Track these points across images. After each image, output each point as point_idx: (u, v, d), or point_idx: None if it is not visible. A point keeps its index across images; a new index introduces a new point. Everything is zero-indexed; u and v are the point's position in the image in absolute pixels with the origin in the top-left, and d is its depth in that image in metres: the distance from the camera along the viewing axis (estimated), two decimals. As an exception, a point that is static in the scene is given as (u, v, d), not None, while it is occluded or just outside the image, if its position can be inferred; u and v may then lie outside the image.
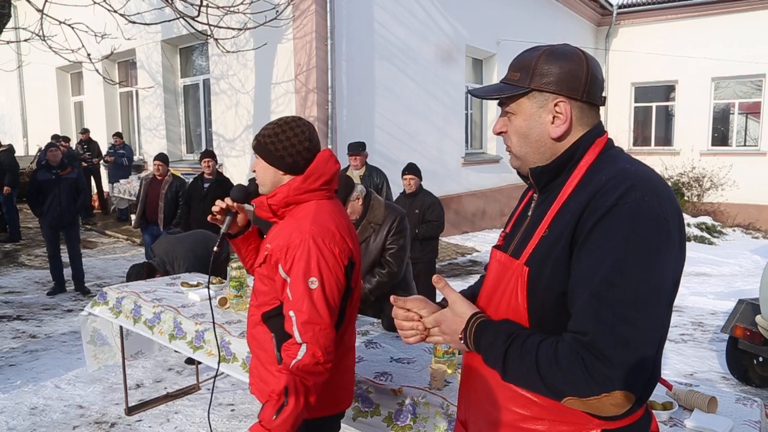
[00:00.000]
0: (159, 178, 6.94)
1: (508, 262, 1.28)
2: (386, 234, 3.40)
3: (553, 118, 1.22)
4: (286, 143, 1.83)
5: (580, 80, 1.21)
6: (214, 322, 2.14)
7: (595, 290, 1.06)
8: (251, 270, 2.13)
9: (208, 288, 2.07)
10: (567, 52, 1.24)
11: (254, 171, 1.93)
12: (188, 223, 6.32)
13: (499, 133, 1.32)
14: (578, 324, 1.07)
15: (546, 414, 1.19)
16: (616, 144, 1.29)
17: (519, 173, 1.35)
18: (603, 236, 1.08)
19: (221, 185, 6.47)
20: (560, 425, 1.18)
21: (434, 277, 1.34)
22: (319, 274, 1.72)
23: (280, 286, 1.78)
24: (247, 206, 2.03)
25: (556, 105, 1.22)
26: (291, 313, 1.72)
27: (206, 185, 6.50)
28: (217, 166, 6.86)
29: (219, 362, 2.17)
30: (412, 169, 5.64)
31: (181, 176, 7.23)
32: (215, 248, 1.93)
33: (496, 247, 1.39)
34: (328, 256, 1.74)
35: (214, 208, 1.94)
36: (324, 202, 1.88)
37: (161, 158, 6.98)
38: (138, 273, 4.50)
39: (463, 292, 1.43)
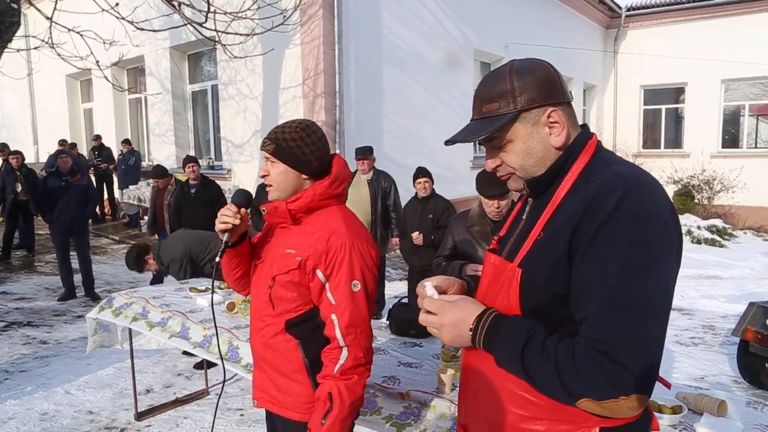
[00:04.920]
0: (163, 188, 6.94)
1: (502, 264, 1.29)
2: None
3: (550, 128, 1.23)
4: (312, 147, 1.81)
5: (556, 84, 1.24)
6: (216, 325, 2.12)
7: (606, 298, 1.08)
8: (235, 283, 2.04)
9: (212, 293, 2.05)
10: (531, 63, 1.26)
11: (263, 176, 1.85)
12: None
13: (494, 168, 1.31)
14: (593, 331, 1.09)
15: (545, 414, 1.20)
16: (626, 146, 1.30)
17: None
18: (607, 242, 1.09)
19: (207, 188, 6.58)
20: (559, 424, 1.19)
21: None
22: (362, 277, 1.75)
23: (318, 290, 1.77)
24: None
25: (549, 116, 1.22)
26: (333, 317, 1.73)
27: (193, 190, 6.57)
28: (199, 170, 6.84)
29: (224, 367, 2.17)
30: (425, 172, 5.61)
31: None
32: (217, 258, 1.87)
33: (490, 250, 1.40)
34: (367, 259, 1.77)
35: (226, 218, 1.83)
36: (343, 207, 1.89)
37: (157, 174, 6.92)
38: (130, 251, 4.60)
39: None
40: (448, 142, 1.29)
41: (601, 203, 1.11)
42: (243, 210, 1.88)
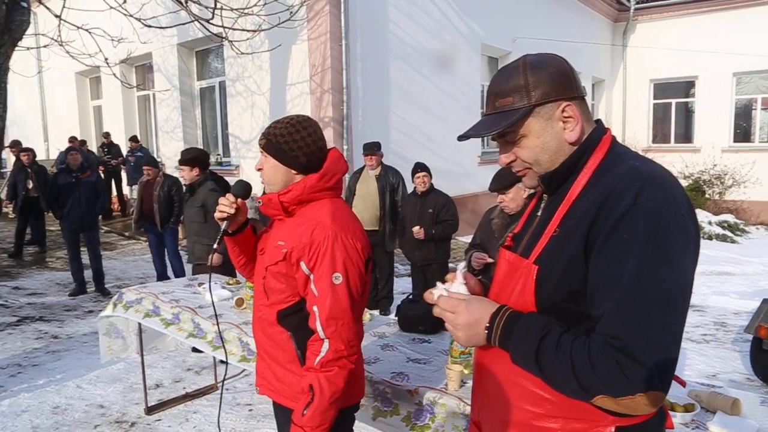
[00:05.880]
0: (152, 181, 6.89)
1: (517, 261, 1.28)
2: None
3: (564, 123, 1.22)
4: (301, 143, 1.83)
5: (570, 78, 1.22)
6: (216, 317, 2.13)
7: (622, 294, 1.06)
8: (241, 269, 2.13)
9: (209, 285, 2.07)
10: (544, 58, 1.24)
11: (259, 169, 1.91)
12: None
13: (507, 164, 1.30)
14: (610, 328, 1.07)
15: (559, 411, 1.19)
16: (636, 141, 1.28)
17: None
18: (624, 237, 1.08)
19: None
20: (574, 422, 1.18)
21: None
22: (344, 269, 1.75)
23: (303, 282, 1.79)
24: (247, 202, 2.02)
25: (563, 110, 1.21)
26: (315, 308, 1.75)
27: None
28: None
29: (226, 360, 2.17)
30: (424, 167, 5.60)
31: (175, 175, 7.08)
32: (215, 245, 1.92)
33: (505, 246, 1.39)
34: (351, 252, 1.78)
35: (223, 207, 1.91)
36: (336, 200, 1.91)
37: (149, 163, 6.83)
38: (194, 150, 5.25)
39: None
40: (461, 138, 1.28)
41: (617, 199, 1.10)
42: (240, 200, 1.95)
